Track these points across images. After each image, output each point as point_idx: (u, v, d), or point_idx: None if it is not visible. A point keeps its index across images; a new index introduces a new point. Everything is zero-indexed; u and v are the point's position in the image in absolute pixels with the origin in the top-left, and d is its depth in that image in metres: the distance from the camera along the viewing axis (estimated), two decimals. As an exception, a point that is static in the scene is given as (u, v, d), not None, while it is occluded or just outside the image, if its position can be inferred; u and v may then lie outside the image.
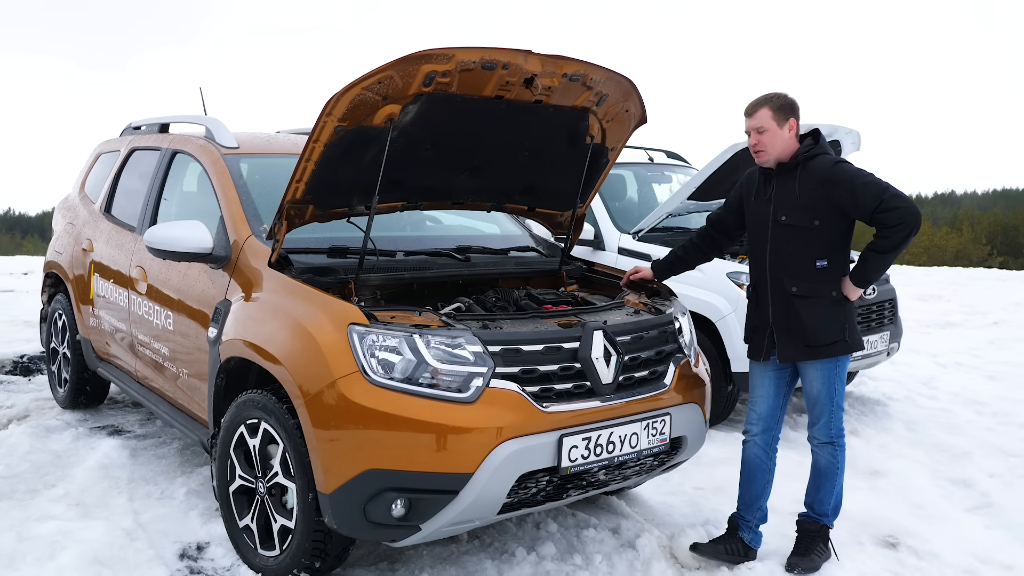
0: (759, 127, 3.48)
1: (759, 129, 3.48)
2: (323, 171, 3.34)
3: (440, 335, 3.07)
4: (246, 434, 3.44)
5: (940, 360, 8.18)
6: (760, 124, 3.47)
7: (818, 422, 3.62)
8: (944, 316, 11.03)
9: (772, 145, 3.48)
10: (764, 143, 3.48)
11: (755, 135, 3.50)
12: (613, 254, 6.15)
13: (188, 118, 4.93)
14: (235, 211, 3.93)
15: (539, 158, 3.93)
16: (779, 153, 3.49)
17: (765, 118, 3.46)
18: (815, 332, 3.47)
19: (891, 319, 6.15)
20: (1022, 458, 5.26)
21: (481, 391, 3.01)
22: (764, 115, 3.47)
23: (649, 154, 7.46)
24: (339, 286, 3.51)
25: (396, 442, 2.95)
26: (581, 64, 3.49)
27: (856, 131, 6.15)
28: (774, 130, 3.46)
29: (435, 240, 4.33)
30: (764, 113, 3.47)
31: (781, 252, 3.51)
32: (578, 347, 3.24)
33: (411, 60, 3.12)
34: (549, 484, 3.18)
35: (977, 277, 17.27)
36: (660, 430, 3.42)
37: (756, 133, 3.49)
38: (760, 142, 3.49)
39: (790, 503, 4.26)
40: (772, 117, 3.46)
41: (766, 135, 3.47)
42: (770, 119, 3.46)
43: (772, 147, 3.48)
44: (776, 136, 3.47)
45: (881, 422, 5.95)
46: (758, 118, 3.48)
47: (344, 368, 3.01)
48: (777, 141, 3.47)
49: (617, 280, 4.24)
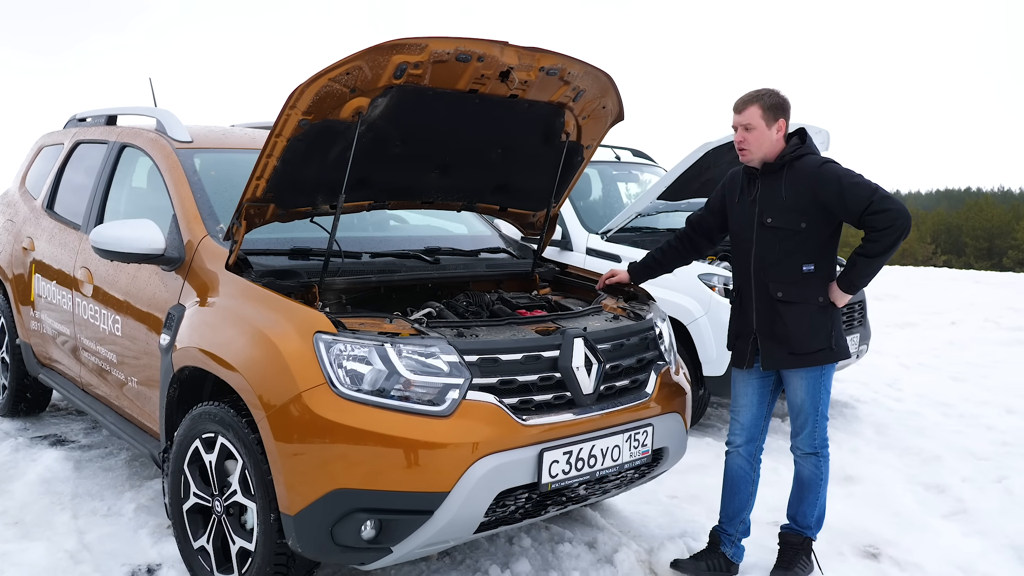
0: (747, 124, 3.32)
1: (746, 126, 3.33)
2: (286, 168, 3.13)
3: (413, 344, 2.87)
4: (201, 449, 3.21)
5: (903, 361, 8.19)
6: (748, 121, 3.32)
7: (802, 432, 3.49)
8: (903, 316, 11.10)
9: (758, 145, 3.33)
10: (750, 142, 3.34)
11: (741, 132, 3.34)
12: (581, 255, 6.00)
13: (137, 110, 4.66)
14: (189, 209, 3.68)
15: (513, 155, 3.75)
16: (764, 153, 3.35)
17: (754, 116, 3.31)
18: (801, 339, 3.34)
19: (860, 321, 6.10)
20: (992, 461, 5.23)
21: (457, 404, 2.82)
22: (753, 112, 3.31)
23: (615, 152, 7.33)
24: (302, 290, 3.31)
25: (366, 459, 2.75)
26: (559, 57, 3.32)
27: (825, 130, 6.08)
28: (762, 129, 3.31)
29: (402, 241, 4.12)
30: (753, 111, 3.31)
31: (766, 255, 3.37)
32: (558, 356, 3.07)
33: (382, 50, 2.92)
34: (528, 501, 3.01)
35: (929, 276, 17.55)
36: (642, 442, 3.27)
37: (743, 130, 3.34)
38: (745, 140, 3.34)
39: (767, 511, 4.16)
40: (761, 116, 3.31)
41: (753, 134, 3.32)
42: (759, 117, 3.31)
43: (758, 147, 3.34)
44: (763, 136, 3.32)
45: (851, 425, 5.89)
46: (747, 115, 3.32)
47: (310, 380, 2.80)
48: (764, 141, 3.33)
49: (591, 283, 4.08)
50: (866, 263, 3.29)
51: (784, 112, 3.35)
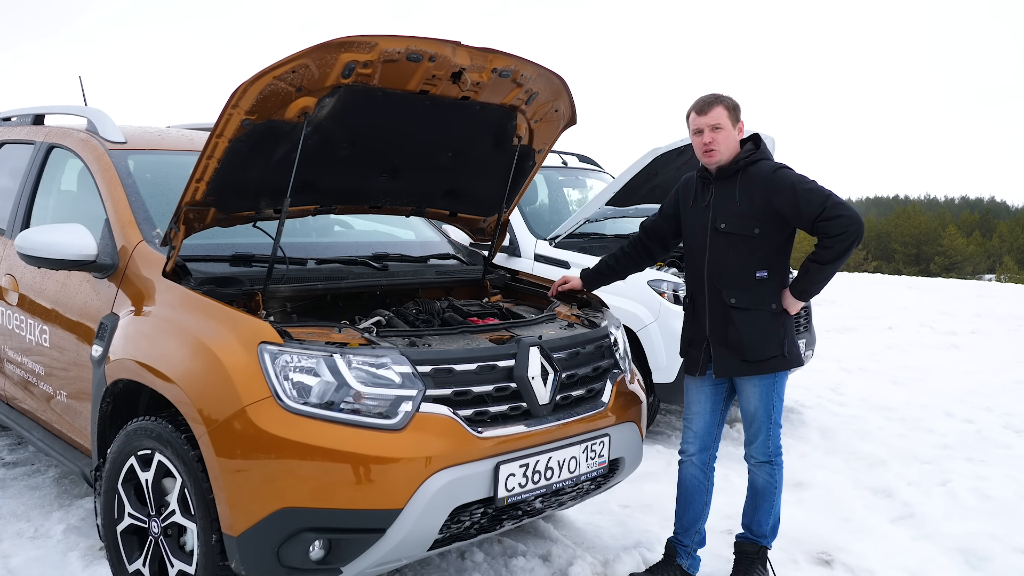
0: (716, 124, 3.27)
1: (715, 126, 3.27)
2: (227, 170, 2.98)
3: (363, 354, 2.75)
4: (137, 467, 3.03)
5: (845, 365, 8.30)
6: (716, 121, 3.26)
7: (755, 440, 3.45)
8: (841, 321, 11.29)
9: (726, 145, 3.28)
10: (719, 141, 3.27)
11: (710, 132, 3.28)
12: (529, 261, 5.92)
13: (67, 109, 4.43)
14: (123, 214, 3.49)
15: (464, 159, 3.66)
16: (729, 154, 3.31)
17: (721, 116, 3.27)
18: (753, 346, 3.30)
19: (806, 327, 6.14)
20: (935, 465, 5.29)
21: (410, 417, 2.71)
22: (720, 113, 3.27)
23: (563, 158, 7.28)
24: (245, 298, 3.15)
25: (314, 476, 2.61)
26: (512, 59, 3.24)
27: (771, 137, 6.09)
28: (728, 129, 3.28)
29: (350, 247, 3.98)
30: (720, 111, 3.27)
31: (720, 261, 3.33)
32: (514, 365, 2.98)
33: (329, 48, 2.80)
34: (484, 516, 2.91)
35: (863, 282, 17.94)
36: (599, 452, 3.19)
37: (711, 130, 3.28)
38: (715, 140, 3.28)
39: (721, 519, 4.13)
40: (727, 116, 3.27)
41: (721, 133, 3.27)
42: (726, 117, 3.27)
43: (725, 147, 3.29)
44: (729, 136, 3.28)
45: (798, 431, 5.92)
46: (714, 115, 3.27)
47: (254, 393, 2.66)
48: (730, 141, 3.29)
49: (543, 289, 4.00)
50: (819, 270, 3.27)
51: (740, 115, 3.33)
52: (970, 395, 7.21)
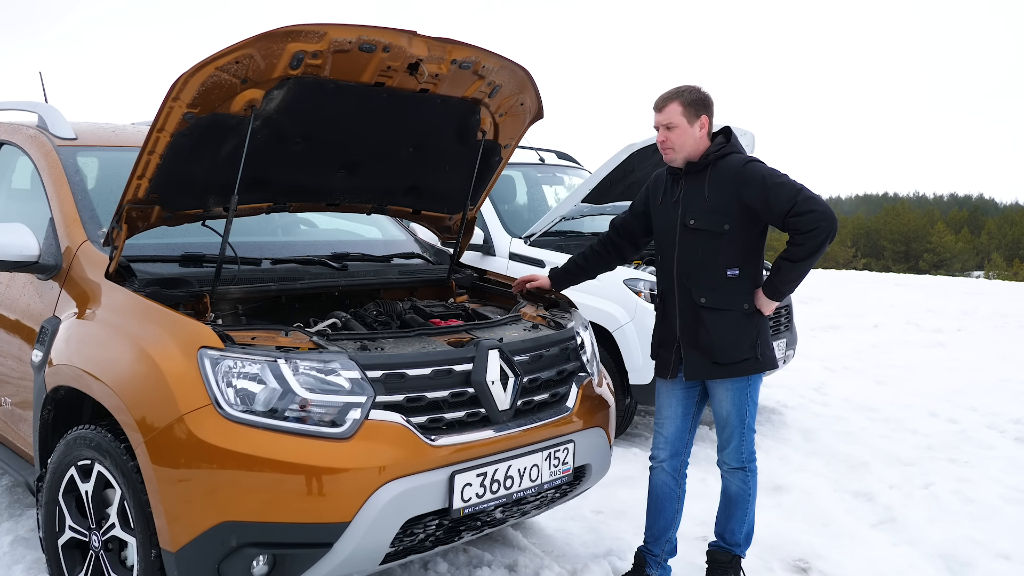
0: (668, 123, 3.16)
1: (668, 125, 3.16)
2: (170, 165, 2.84)
3: (310, 359, 2.61)
4: (77, 478, 2.89)
5: (828, 364, 8.20)
6: (669, 120, 3.16)
7: (728, 446, 3.33)
8: (826, 319, 11.19)
9: (681, 144, 3.17)
10: (672, 141, 3.17)
11: (663, 131, 3.18)
12: (504, 260, 5.79)
13: (17, 104, 4.26)
14: (68, 212, 3.34)
15: (425, 154, 3.52)
16: (688, 152, 3.19)
17: (674, 113, 3.15)
18: (724, 348, 3.17)
19: (787, 326, 6.03)
20: (918, 467, 5.19)
21: (359, 424, 2.58)
22: (674, 110, 3.15)
23: (540, 154, 7.15)
24: (192, 301, 3.01)
25: (257, 488, 2.48)
26: (472, 50, 3.10)
27: (751, 133, 5.99)
28: (684, 127, 3.15)
29: (308, 246, 3.83)
30: (674, 108, 3.15)
31: (689, 259, 3.20)
32: (471, 369, 2.85)
33: (275, 37, 2.66)
34: (440, 528, 2.78)
35: (850, 279, 17.90)
36: (563, 459, 3.06)
37: (664, 129, 3.18)
38: (668, 139, 3.18)
39: (695, 525, 4.01)
40: (682, 113, 3.15)
41: (675, 132, 3.16)
42: (680, 115, 3.15)
43: (681, 146, 3.17)
44: (686, 134, 3.16)
45: (779, 432, 5.80)
46: (667, 113, 3.16)
47: (193, 401, 2.52)
48: (687, 139, 3.17)
49: (510, 291, 3.87)
50: (791, 268, 3.15)
51: (706, 108, 3.19)
52: (955, 394, 7.11)
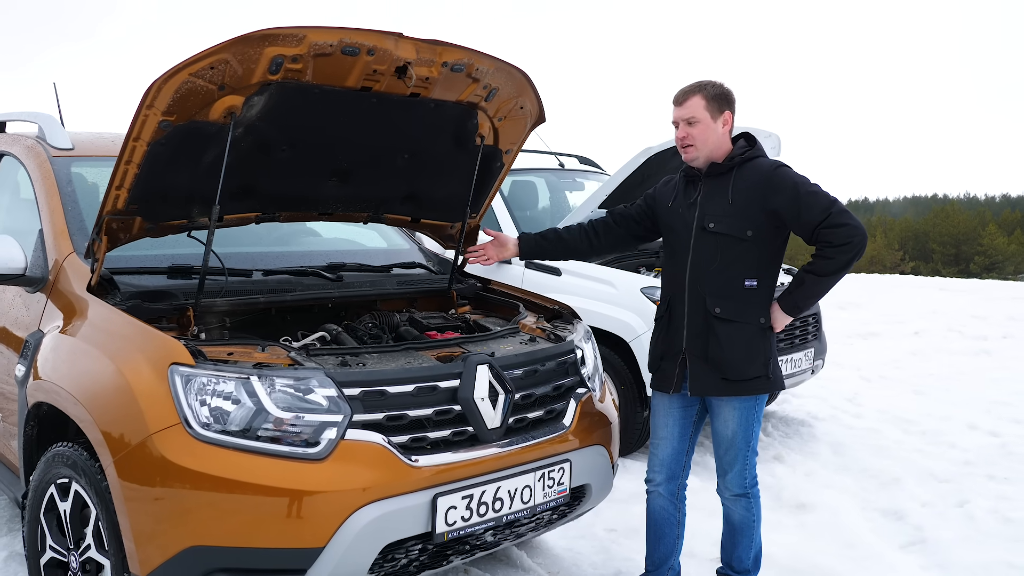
0: (689, 118, 2.98)
1: (689, 120, 2.98)
2: (149, 175, 2.75)
3: (285, 376, 2.50)
4: (56, 496, 2.82)
5: (864, 374, 7.91)
6: (691, 114, 2.97)
7: (731, 470, 3.13)
8: (865, 325, 10.85)
9: (703, 140, 2.98)
10: (694, 137, 2.99)
11: (684, 127, 3.00)
12: (520, 268, 5.65)
13: (22, 115, 4.24)
14: (57, 224, 3.28)
15: (421, 161, 3.40)
16: (710, 150, 3.00)
17: (697, 107, 2.97)
18: (736, 364, 2.98)
19: (815, 335, 5.80)
20: (953, 484, 4.93)
21: (334, 445, 2.46)
22: (696, 104, 2.97)
23: (559, 159, 7.00)
24: (176, 314, 2.92)
25: (227, 511, 2.38)
26: (464, 51, 2.98)
27: (776, 135, 5.79)
28: (706, 122, 2.97)
29: (304, 256, 3.73)
30: (696, 102, 2.97)
31: (705, 265, 3.00)
32: (458, 386, 2.71)
33: (250, 41, 2.56)
34: (423, 553, 2.65)
35: (893, 284, 17.39)
36: (558, 480, 2.92)
37: (685, 124, 2.99)
38: (689, 135, 2.99)
39: (711, 546, 3.80)
40: (705, 107, 2.97)
41: (697, 128, 2.98)
42: (703, 109, 2.97)
43: (703, 142, 2.99)
44: (708, 130, 2.98)
45: (807, 445, 5.57)
46: (689, 107, 2.98)
47: (162, 419, 2.42)
48: (709, 136, 2.98)
49: (518, 301, 3.72)
50: (815, 282, 2.95)
51: (729, 103, 3.01)
52: (997, 405, 6.79)
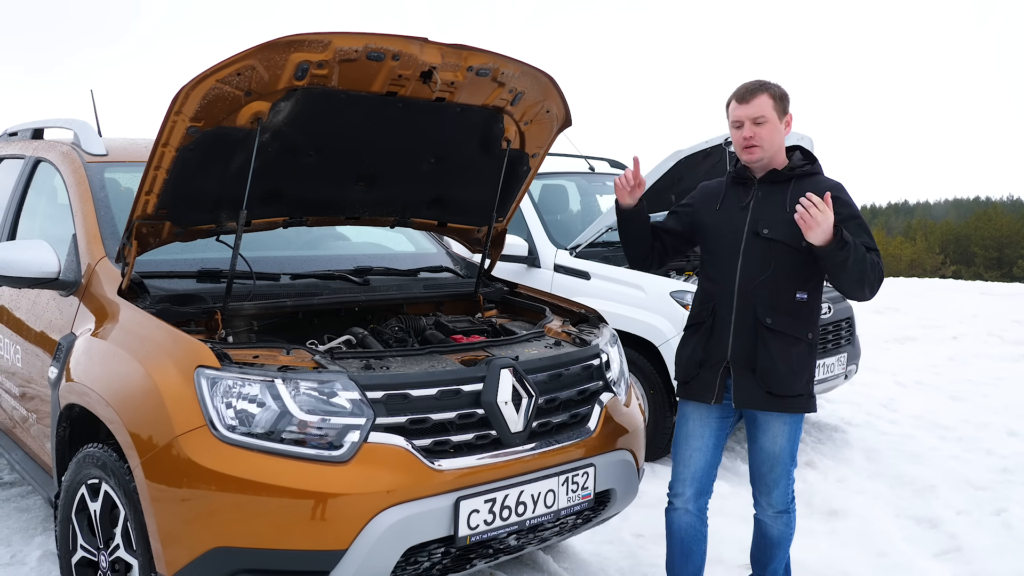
0: (757, 116, 2.84)
1: (758, 119, 2.84)
2: (178, 181, 2.79)
3: (309, 379, 2.52)
4: (87, 496, 2.87)
5: (900, 379, 7.78)
6: (760, 113, 2.83)
7: (776, 488, 3.01)
8: (902, 330, 10.68)
9: (770, 141, 2.86)
10: (762, 137, 2.84)
11: (751, 126, 2.85)
12: (549, 272, 5.64)
13: (58, 122, 4.32)
14: (90, 228, 3.34)
15: (447, 166, 3.41)
16: (774, 152, 2.89)
17: (766, 106, 2.84)
18: (783, 378, 2.85)
19: (848, 339, 5.72)
20: (990, 491, 4.83)
21: (357, 447, 2.47)
22: (764, 102, 2.84)
23: (590, 163, 6.98)
24: (204, 317, 2.96)
25: (251, 513, 2.40)
26: (489, 56, 2.98)
27: (808, 136, 5.71)
28: (774, 123, 2.85)
29: (332, 260, 3.76)
30: (764, 100, 2.84)
31: (756, 272, 2.87)
32: (482, 390, 2.72)
33: (276, 47, 2.59)
34: (446, 556, 2.65)
35: (932, 288, 17.09)
36: (582, 484, 2.90)
37: (753, 124, 2.84)
38: (757, 135, 2.84)
39: (740, 552, 3.78)
40: (773, 106, 2.84)
41: (765, 128, 2.84)
42: (771, 108, 2.84)
43: (770, 143, 2.86)
44: (775, 131, 2.85)
45: (840, 452, 5.50)
46: (757, 105, 2.84)
47: (188, 422, 2.46)
48: (776, 137, 2.86)
49: (543, 305, 3.72)
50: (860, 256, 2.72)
51: (789, 106, 2.91)
52: (1037, 412, 6.66)
